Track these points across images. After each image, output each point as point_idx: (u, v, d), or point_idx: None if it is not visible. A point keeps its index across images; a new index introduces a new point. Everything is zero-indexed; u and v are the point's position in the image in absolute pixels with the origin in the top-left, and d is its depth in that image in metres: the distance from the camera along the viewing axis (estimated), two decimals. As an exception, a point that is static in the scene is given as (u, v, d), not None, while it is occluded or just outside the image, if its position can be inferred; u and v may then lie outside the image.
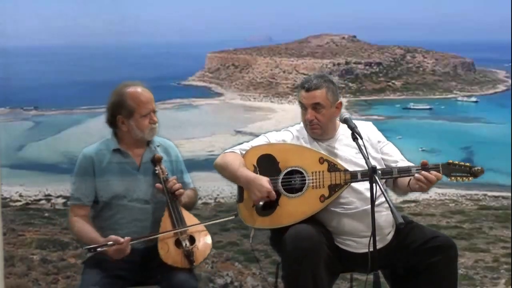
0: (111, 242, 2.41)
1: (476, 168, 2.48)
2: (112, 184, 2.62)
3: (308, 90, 2.61)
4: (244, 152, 2.69)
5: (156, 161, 2.65)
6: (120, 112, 2.61)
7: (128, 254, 2.49)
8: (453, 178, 2.49)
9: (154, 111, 2.65)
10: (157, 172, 2.63)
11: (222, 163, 2.65)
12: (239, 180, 2.59)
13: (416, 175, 2.46)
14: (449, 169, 2.49)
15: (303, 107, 2.64)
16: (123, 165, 2.65)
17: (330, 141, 2.68)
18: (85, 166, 2.63)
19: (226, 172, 2.64)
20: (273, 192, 2.51)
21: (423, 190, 2.48)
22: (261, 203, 2.51)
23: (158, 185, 2.59)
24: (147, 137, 2.66)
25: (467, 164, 2.50)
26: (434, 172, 2.46)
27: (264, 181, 2.52)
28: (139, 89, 2.63)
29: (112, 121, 2.67)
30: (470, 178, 2.49)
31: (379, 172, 2.43)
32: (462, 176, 2.49)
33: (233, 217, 2.68)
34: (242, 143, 2.77)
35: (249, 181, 2.54)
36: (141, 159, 2.68)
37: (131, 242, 2.47)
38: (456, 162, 2.50)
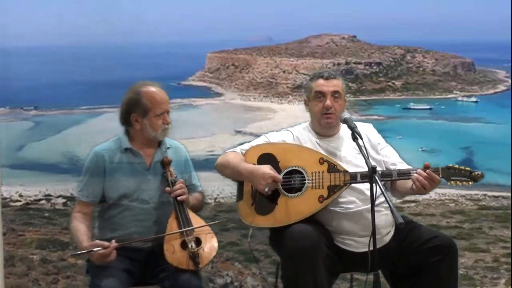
0: (97, 248, 2.39)
1: (476, 173, 2.46)
2: (121, 184, 2.62)
3: (327, 78, 2.67)
4: (244, 152, 2.69)
5: (165, 164, 2.66)
6: (135, 110, 2.63)
7: (132, 254, 2.51)
8: (452, 182, 2.46)
9: (168, 112, 2.68)
10: (165, 174, 2.65)
11: (224, 162, 2.66)
12: (241, 174, 2.59)
13: (421, 173, 2.44)
14: (448, 173, 2.47)
15: (319, 96, 2.65)
16: (133, 164, 2.66)
17: (331, 141, 2.68)
18: (95, 165, 2.63)
19: (228, 170, 2.64)
20: (278, 176, 2.51)
21: (425, 189, 2.46)
22: (267, 190, 2.47)
23: (167, 189, 2.60)
24: (159, 137, 2.68)
25: (467, 168, 2.48)
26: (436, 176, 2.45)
27: (266, 168, 2.52)
28: (155, 89, 2.66)
29: (126, 119, 2.67)
30: (470, 183, 2.46)
31: (379, 172, 2.43)
32: (462, 180, 2.46)
33: (224, 220, 2.67)
34: (242, 143, 2.78)
35: (251, 172, 2.54)
36: (152, 160, 2.69)
37: (119, 245, 2.44)
38: (456, 166, 2.48)
